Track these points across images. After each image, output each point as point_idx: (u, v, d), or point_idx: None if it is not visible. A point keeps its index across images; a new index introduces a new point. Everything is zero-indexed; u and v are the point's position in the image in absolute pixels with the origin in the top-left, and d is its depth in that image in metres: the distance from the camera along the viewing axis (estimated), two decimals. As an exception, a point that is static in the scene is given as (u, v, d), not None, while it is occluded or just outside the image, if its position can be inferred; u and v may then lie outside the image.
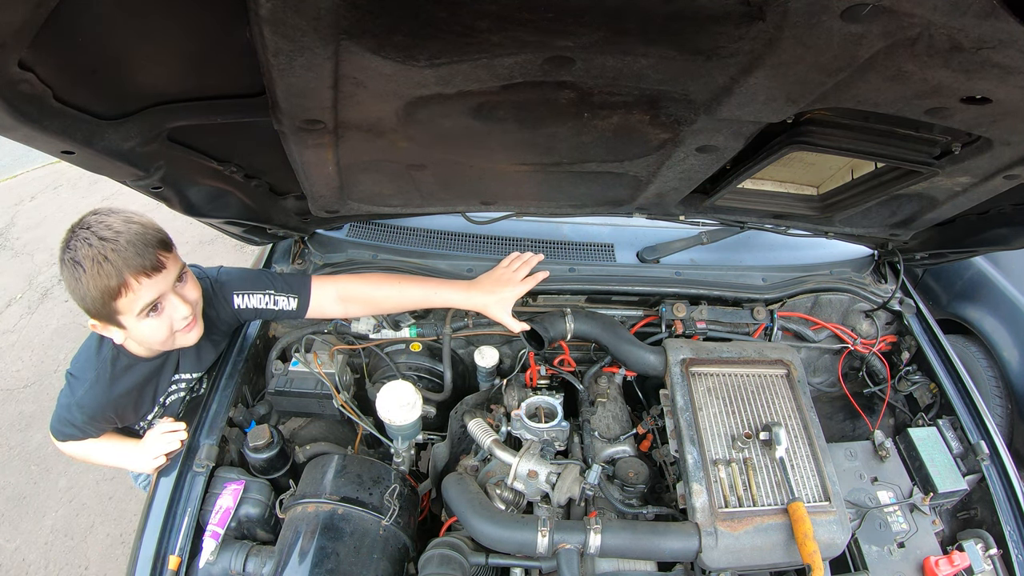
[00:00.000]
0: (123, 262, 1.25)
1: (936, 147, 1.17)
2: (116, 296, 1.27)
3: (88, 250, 1.24)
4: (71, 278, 1.26)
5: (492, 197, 1.63)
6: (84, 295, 1.27)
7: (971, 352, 3.11)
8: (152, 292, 1.31)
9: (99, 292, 1.25)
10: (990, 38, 0.72)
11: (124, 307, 1.29)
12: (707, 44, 0.82)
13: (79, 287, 1.26)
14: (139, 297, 1.29)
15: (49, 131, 0.84)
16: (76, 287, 1.27)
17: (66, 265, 1.27)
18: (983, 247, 1.68)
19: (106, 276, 1.24)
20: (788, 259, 2.11)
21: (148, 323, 1.34)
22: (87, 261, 1.24)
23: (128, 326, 1.34)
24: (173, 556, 1.32)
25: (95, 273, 1.24)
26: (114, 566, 2.68)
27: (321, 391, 1.69)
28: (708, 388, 1.60)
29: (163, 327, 1.37)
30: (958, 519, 1.73)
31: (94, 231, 1.26)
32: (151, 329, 1.36)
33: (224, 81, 1.00)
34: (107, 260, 1.24)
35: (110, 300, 1.27)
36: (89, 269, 1.24)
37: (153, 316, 1.34)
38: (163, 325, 1.37)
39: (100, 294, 1.26)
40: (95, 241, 1.24)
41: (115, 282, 1.25)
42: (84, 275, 1.24)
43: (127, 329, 1.35)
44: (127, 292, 1.27)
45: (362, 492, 1.43)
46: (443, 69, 0.88)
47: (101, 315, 1.31)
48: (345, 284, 1.64)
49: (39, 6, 0.63)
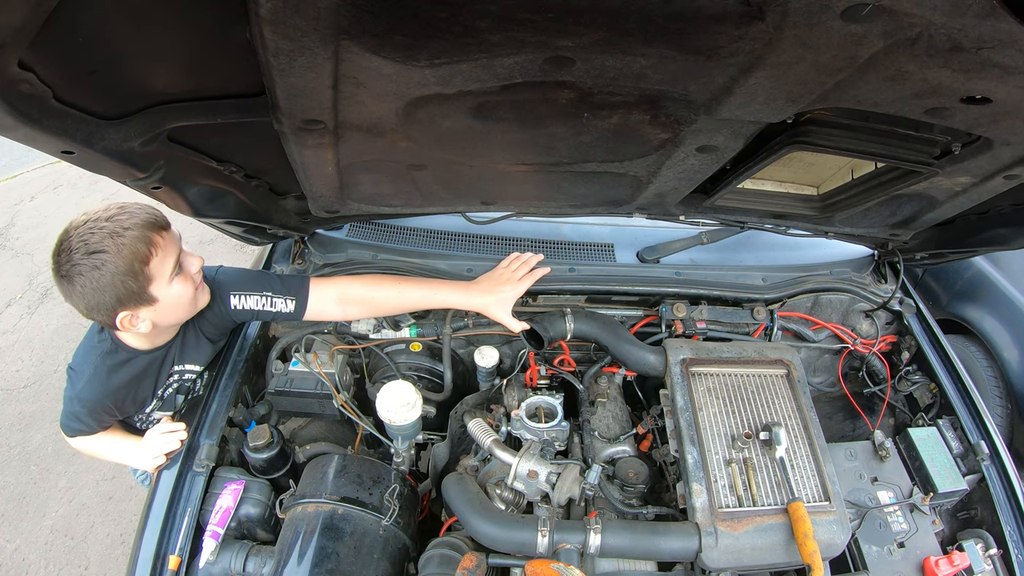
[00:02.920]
0: (142, 224, 1.28)
1: (936, 147, 1.17)
2: (147, 260, 1.28)
3: (101, 233, 1.24)
4: (90, 271, 1.23)
5: (492, 197, 1.63)
6: (112, 279, 1.25)
7: (971, 352, 3.11)
8: (174, 247, 1.35)
9: (129, 264, 1.25)
10: (990, 38, 0.72)
11: (156, 269, 1.30)
12: (707, 44, 0.82)
13: (102, 275, 1.24)
14: (168, 254, 1.32)
15: (49, 131, 0.84)
16: (99, 278, 1.24)
17: (78, 265, 1.23)
18: (983, 247, 1.68)
19: (133, 242, 1.25)
20: (788, 259, 2.11)
21: (177, 284, 1.36)
22: (106, 241, 1.23)
23: (160, 295, 1.34)
24: (173, 556, 1.32)
25: (119, 246, 1.24)
26: (114, 566, 2.68)
27: (321, 391, 1.69)
28: (708, 388, 1.60)
29: (189, 287, 1.39)
30: (958, 519, 1.73)
31: (94, 220, 1.26)
32: (180, 291, 1.37)
33: (224, 81, 1.00)
34: (127, 229, 1.26)
35: (142, 267, 1.27)
36: (112, 246, 1.23)
37: (180, 277, 1.36)
38: (188, 285, 1.39)
39: (130, 265, 1.25)
40: (104, 223, 1.25)
41: (143, 245, 1.27)
42: (108, 256, 1.23)
43: (158, 302, 1.34)
44: (156, 251, 1.29)
45: (362, 492, 1.43)
46: (443, 69, 0.88)
47: (131, 296, 1.29)
48: (344, 286, 1.64)
49: (39, 6, 0.63)
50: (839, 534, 1.38)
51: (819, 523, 1.36)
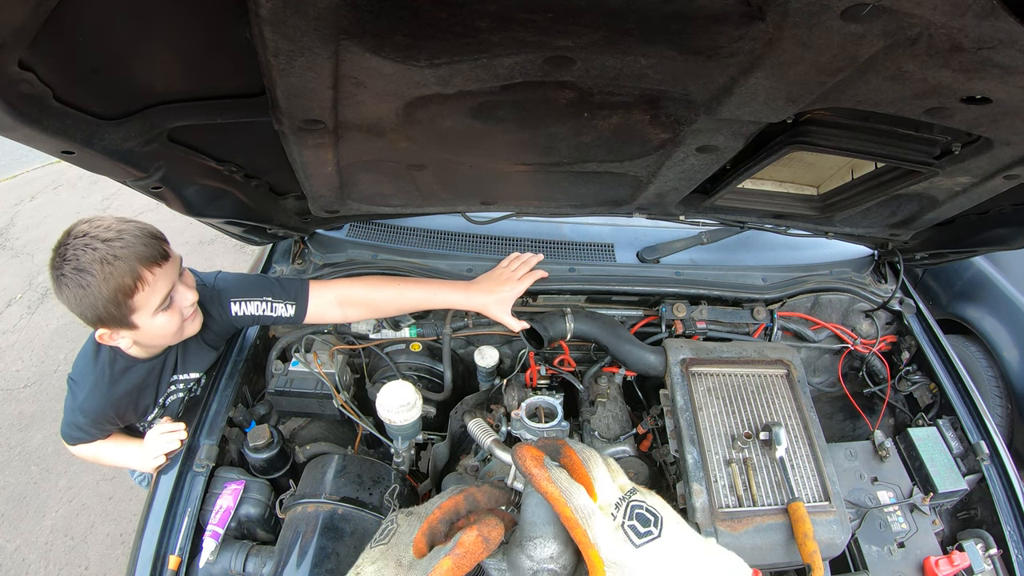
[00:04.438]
0: (135, 257, 1.25)
1: (936, 147, 1.17)
2: (132, 293, 1.25)
3: (93, 254, 1.22)
4: (76, 288, 1.23)
5: (492, 197, 1.63)
6: (94, 302, 1.23)
7: (971, 352, 3.11)
8: (166, 282, 1.31)
9: (112, 293, 1.23)
10: (990, 38, 0.72)
11: (140, 303, 1.28)
12: (707, 44, 0.82)
13: (86, 295, 1.23)
14: (155, 290, 1.29)
15: (49, 131, 0.84)
16: (83, 296, 1.23)
17: (67, 277, 1.23)
18: (983, 247, 1.68)
19: (119, 274, 1.23)
20: (788, 259, 2.11)
21: (161, 317, 1.33)
22: (95, 265, 1.21)
23: (141, 325, 1.32)
24: (173, 556, 1.32)
25: (107, 274, 1.22)
26: (114, 566, 2.68)
27: (321, 391, 1.69)
28: (708, 388, 1.60)
29: (175, 319, 1.37)
30: (958, 519, 1.73)
31: (93, 236, 1.24)
32: (164, 323, 1.35)
33: (224, 81, 1.00)
34: (117, 259, 1.23)
35: (125, 299, 1.25)
36: (99, 272, 1.22)
37: (167, 311, 1.34)
38: (175, 317, 1.37)
39: (114, 295, 1.24)
40: (99, 244, 1.23)
41: (130, 279, 1.24)
42: (94, 279, 1.22)
43: (139, 329, 1.33)
44: (143, 287, 1.27)
45: (362, 492, 1.43)
46: (443, 69, 0.88)
47: (112, 319, 1.28)
48: (344, 288, 1.63)
49: (39, 6, 0.63)
50: (839, 534, 1.38)
51: (819, 523, 1.36)
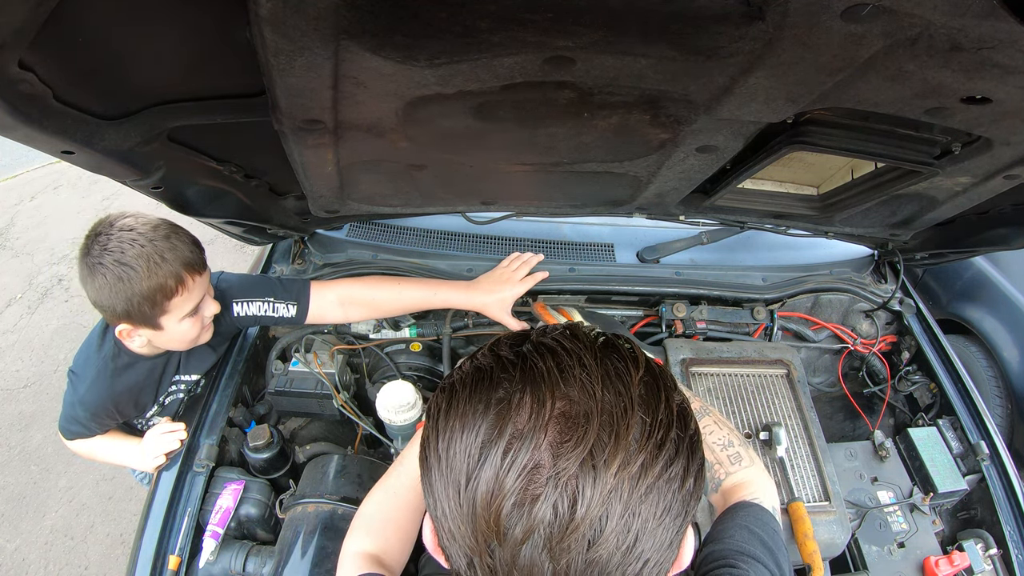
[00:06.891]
0: (181, 261, 1.26)
1: (936, 147, 1.17)
2: (171, 295, 1.27)
3: (140, 250, 1.23)
4: (114, 279, 1.22)
5: (492, 197, 1.62)
6: (130, 296, 1.24)
7: (971, 352, 3.11)
8: (201, 291, 1.34)
9: (152, 292, 1.24)
10: (990, 38, 0.72)
11: (175, 306, 1.29)
12: (707, 44, 0.82)
13: (123, 289, 1.23)
14: (191, 296, 1.31)
15: (49, 131, 0.84)
16: (119, 289, 1.23)
17: (105, 267, 1.23)
18: (983, 247, 1.68)
19: (164, 275, 1.24)
20: (788, 259, 2.11)
21: (186, 323, 1.35)
22: (140, 261, 1.22)
23: (166, 327, 1.33)
24: (173, 556, 1.32)
25: (151, 273, 1.23)
26: (114, 566, 2.68)
27: (321, 391, 1.69)
28: (708, 388, 1.60)
29: (196, 327, 1.38)
30: (958, 519, 1.73)
31: (141, 232, 1.25)
32: (186, 329, 1.36)
33: (224, 81, 1.00)
34: (165, 260, 1.24)
35: (163, 300, 1.26)
36: (143, 269, 1.22)
37: (193, 318, 1.35)
38: (196, 324, 1.38)
39: (153, 293, 1.24)
40: (145, 242, 1.24)
41: (173, 281, 1.25)
42: (136, 275, 1.22)
43: (162, 331, 1.34)
44: (183, 291, 1.28)
45: (362, 492, 1.42)
46: (443, 69, 0.88)
47: (140, 317, 1.29)
48: (344, 288, 1.64)
49: (39, 6, 0.63)
50: (839, 534, 1.38)
51: (819, 523, 1.36)
